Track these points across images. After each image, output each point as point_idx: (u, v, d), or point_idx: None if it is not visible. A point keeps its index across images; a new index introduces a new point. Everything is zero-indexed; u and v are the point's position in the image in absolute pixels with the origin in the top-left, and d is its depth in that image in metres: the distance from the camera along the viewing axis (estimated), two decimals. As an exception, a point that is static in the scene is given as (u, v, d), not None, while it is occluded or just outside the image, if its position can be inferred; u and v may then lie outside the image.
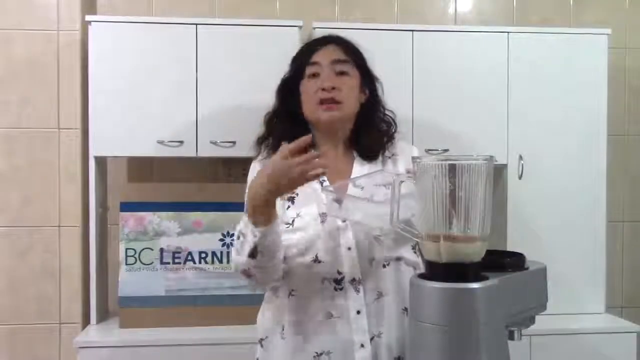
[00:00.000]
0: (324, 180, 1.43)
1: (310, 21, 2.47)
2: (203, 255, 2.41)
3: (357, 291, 1.38)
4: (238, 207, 2.41)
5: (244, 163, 2.65)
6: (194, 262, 2.40)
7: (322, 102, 1.43)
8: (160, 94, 2.36)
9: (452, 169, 1.02)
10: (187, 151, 2.37)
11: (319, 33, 2.35)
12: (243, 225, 1.32)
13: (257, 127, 2.37)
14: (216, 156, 2.44)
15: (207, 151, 2.38)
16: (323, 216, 1.40)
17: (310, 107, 1.46)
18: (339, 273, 1.38)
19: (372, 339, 1.38)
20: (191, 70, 2.37)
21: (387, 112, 1.56)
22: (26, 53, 2.45)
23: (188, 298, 2.39)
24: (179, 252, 2.40)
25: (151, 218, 2.39)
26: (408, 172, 1.22)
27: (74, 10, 2.47)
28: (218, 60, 2.38)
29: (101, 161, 2.49)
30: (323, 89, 1.43)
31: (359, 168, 1.48)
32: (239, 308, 2.38)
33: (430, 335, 0.97)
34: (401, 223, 1.14)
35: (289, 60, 2.35)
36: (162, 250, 2.39)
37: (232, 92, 2.38)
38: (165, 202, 2.40)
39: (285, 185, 1.24)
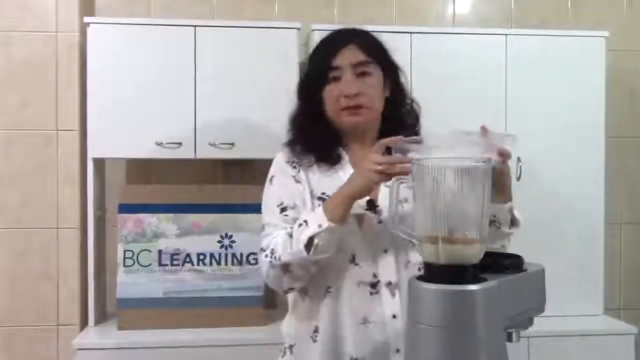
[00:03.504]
0: None
1: (309, 23, 2.48)
2: (201, 257, 2.41)
3: (393, 295, 1.35)
4: (237, 208, 2.45)
5: (243, 164, 2.69)
6: (193, 264, 2.40)
7: (346, 108, 1.39)
8: (158, 95, 2.36)
9: (451, 170, 1.02)
10: (185, 153, 2.37)
11: (317, 35, 2.37)
12: (310, 216, 1.30)
13: (255, 129, 2.40)
14: (215, 158, 2.45)
15: (206, 153, 2.38)
16: (360, 217, 1.36)
17: (334, 112, 1.42)
18: (375, 276, 1.36)
19: None
20: (190, 71, 2.37)
21: (413, 104, 1.51)
22: (25, 55, 2.45)
23: (186, 300, 2.38)
24: (178, 254, 2.39)
25: (149, 220, 2.39)
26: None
27: (72, 12, 2.47)
28: (217, 61, 2.38)
29: (99, 163, 2.49)
30: (346, 96, 1.39)
31: None
32: (238, 310, 2.38)
33: (428, 337, 0.97)
34: (402, 224, 1.13)
35: (287, 62, 2.40)
36: (160, 252, 2.39)
37: (230, 94, 2.39)
38: (164, 204, 2.39)
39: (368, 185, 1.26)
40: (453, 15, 2.86)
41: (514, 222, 1.39)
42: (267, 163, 2.61)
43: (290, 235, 1.31)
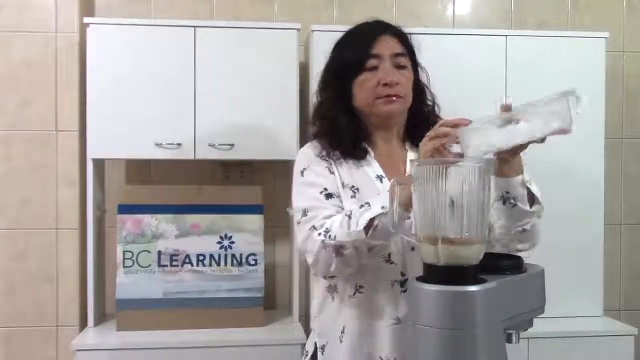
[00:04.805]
0: (382, 176, 1.40)
1: (308, 24, 2.48)
2: (201, 257, 2.41)
3: None
4: (236, 209, 2.45)
5: (242, 165, 2.69)
6: (192, 265, 2.40)
7: (383, 97, 1.38)
8: (158, 96, 2.36)
9: (450, 171, 1.02)
10: (185, 153, 2.37)
11: (317, 36, 2.38)
12: (374, 198, 1.25)
13: (255, 130, 2.40)
14: (214, 158, 2.44)
15: (205, 153, 2.37)
16: None
17: (368, 100, 1.40)
18: (403, 275, 1.35)
19: None
20: (189, 72, 2.37)
21: (435, 104, 1.51)
22: (24, 55, 2.45)
23: (186, 300, 2.38)
24: (177, 255, 2.39)
25: (149, 220, 2.38)
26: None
27: (72, 12, 2.47)
28: (216, 62, 2.38)
29: (99, 163, 2.49)
30: (385, 84, 1.37)
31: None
32: (237, 310, 2.38)
33: (428, 338, 0.97)
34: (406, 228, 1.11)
35: (287, 63, 2.40)
36: (159, 252, 2.38)
37: (230, 94, 2.38)
38: (163, 205, 2.39)
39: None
40: (453, 16, 2.86)
41: (533, 200, 1.29)
42: (267, 164, 2.64)
43: (349, 216, 1.26)
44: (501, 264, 1.11)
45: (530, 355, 2.35)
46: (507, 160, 1.22)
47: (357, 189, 1.38)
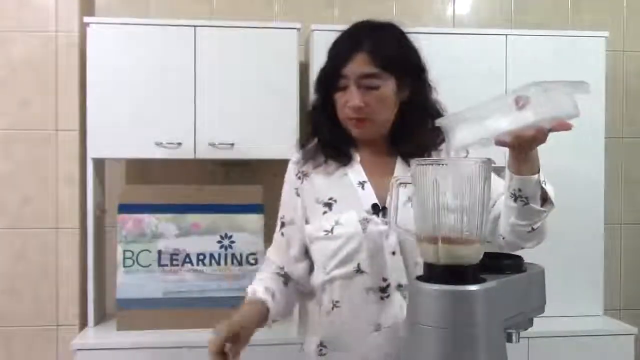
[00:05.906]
0: (365, 182, 1.37)
1: (308, 24, 2.48)
2: (201, 257, 2.41)
3: (404, 297, 1.31)
4: (236, 209, 2.45)
5: (242, 165, 2.69)
6: (192, 264, 2.40)
7: (351, 119, 1.36)
8: (158, 95, 2.36)
9: (451, 171, 1.02)
10: (185, 153, 2.37)
11: (317, 35, 2.38)
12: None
13: (255, 129, 2.40)
14: (214, 158, 2.44)
15: (205, 153, 2.38)
16: (364, 222, 1.32)
17: (342, 117, 1.38)
18: (384, 280, 1.32)
19: None
20: (189, 72, 2.37)
21: (435, 105, 1.44)
22: (25, 54, 2.45)
23: (186, 300, 2.38)
24: (177, 254, 2.39)
25: (149, 220, 2.38)
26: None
27: (72, 11, 2.47)
28: (216, 62, 2.38)
29: (99, 163, 2.49)
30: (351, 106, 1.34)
31: (402, 167, 1.37)
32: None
33: (427, 338, 0.97)
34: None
35: (287, 62, 2.40)
36: (160, 252, 2.38)
37: (230, 94, 2.39)
38: (164, 204, 2.39)
39: None
40: (453, 15, 2.86)
41: (545, 199, 1.25)
42: (267, 163, 2.64)
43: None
44: (501, 263, 1.11)
45: (531, 355, 2.35)
46: (522, 158, 1.18)
47: (335, 200, 1.36)
